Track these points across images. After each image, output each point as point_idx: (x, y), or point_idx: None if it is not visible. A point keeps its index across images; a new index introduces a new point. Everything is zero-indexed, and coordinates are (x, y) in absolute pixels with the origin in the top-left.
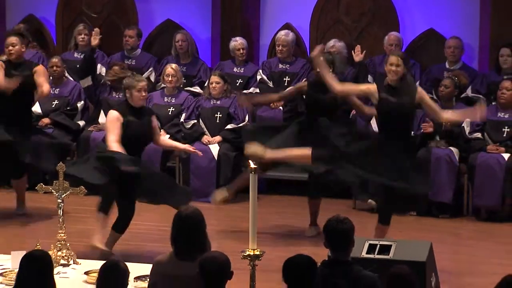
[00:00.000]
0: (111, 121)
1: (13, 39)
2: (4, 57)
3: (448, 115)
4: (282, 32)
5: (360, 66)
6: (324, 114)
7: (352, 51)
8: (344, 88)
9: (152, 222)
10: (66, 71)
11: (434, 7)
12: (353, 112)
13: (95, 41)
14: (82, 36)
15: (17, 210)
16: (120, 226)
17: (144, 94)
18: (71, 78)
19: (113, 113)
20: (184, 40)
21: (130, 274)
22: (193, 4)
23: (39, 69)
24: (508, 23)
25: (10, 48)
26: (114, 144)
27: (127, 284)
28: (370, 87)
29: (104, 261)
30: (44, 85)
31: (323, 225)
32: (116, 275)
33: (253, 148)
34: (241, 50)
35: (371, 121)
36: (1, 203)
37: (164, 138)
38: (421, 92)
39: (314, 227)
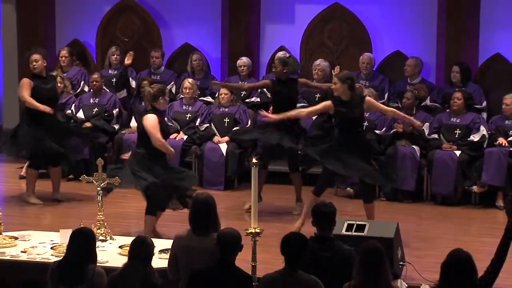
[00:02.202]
0: (155, 124)
1: (36, 57)
2: (55, 72)
3: (392, 113)
4: (280, 53)
5: None
6: (286, 108)
7: (332, 70)
8: (308, 111)
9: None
10: (104, 85)
11: (400, 33)
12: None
13: (128, 61)
14: (115, 56)
15: (52, 196)
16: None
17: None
18: (107, 90)
19: (155, 117)
20: (199, 59)
21: (155, 247)
22: (206, 30)
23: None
24: (458, 46)
25: (34, 63)
26: (163, 141)
27: (153, 255)
28: (326, 105)
29: (135, 237)
30: None
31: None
32: (144, 248)
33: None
34: (243, 67)
35: None
36: (48, 190)
37: None
38: (368, 101)
39: (299, 203)
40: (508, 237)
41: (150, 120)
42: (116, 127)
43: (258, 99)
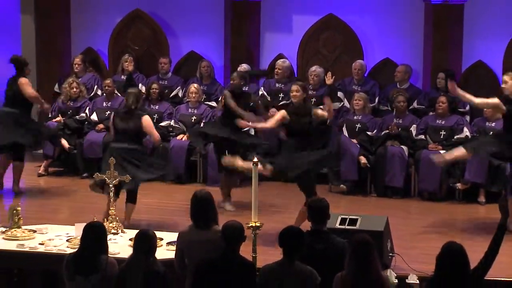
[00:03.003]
0: (151, 123)
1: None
2: (71, 78)
3: (323, 112)
4: (280, 60)
5: (330, 87)
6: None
7: (325, 76)
8: (271, 122)
9: (180, 201)
10: (116, 89)
11: (389, 42)
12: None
13: (130, 67)
14: (127, 63)
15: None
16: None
17: None
18: (119, 94)
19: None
20: (208, 66)
21: (163, 240)
22: (210, 40)
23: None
24: (443, 54)
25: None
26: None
27: (155, 246)
28: (283, 113)
29: (138, 231)
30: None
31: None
32: (146, 240)
33: (228, 159)
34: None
35: (343, 128)
36: (66, 187)
37: None
38: (314, 110)
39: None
40: (501, 232)
41: (149, 120)
42: None
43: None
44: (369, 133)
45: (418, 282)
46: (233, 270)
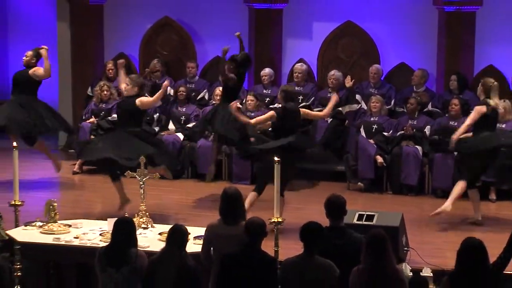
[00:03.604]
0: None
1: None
2: (102, 82)
3: (322, 113)
4: (298, 64)
5: (349, 90)
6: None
7: (345, 80)
8: (258, 121)
9: (206, 198)
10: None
11: (404, 47)
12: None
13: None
14: (156, 68)
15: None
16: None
17: None
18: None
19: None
20: None
21: (190, 234)
22: (235, 45)
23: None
24: (456, 58)
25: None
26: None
27: (187, 241)
28: (271, 114)
29: (172, 226)
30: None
31: (323, 203)
32: (179, 235)
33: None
34: (265, 77)
35: (361, 128)
36: (98, 184)
37: None
38: (303, 111)
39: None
40: None
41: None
42: (156, 129)
43: (280, 105)
44: (385, 133)
45: (431, 275)
46: (254, 264)
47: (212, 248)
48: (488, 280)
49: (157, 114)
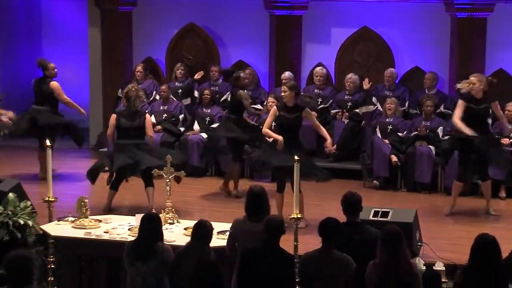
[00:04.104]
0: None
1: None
2: (131, 84)
3: (316, 126)
4: (319, 68)
5: (366, 92)
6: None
7: (362, 82)
8: (267, 125)
9: (230, 196)
10: (171, 94)
11: (418, 51)
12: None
13: (198, 76)
14: (180, 70)
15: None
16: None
17: None
18: (174, 99)
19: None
20: (250, 73)
21: (214, 229)
22: (257, 50)
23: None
24: (467, 63)
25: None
26: None
27: (211, 236)
28: (273, 111)
29: (196, 221)
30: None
31: (340, 200)
32: (203, 230)
33: None
34: (284, 80)
35: (376, 129)
36: (128, 182)
37: None
38: (307, 112)
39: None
40: None
41: (150, 119)
42: (182, 129)
43: None
44: (399, 134)
45: (444, 269)
46: (272, 261)
47: (237, 243)
48: (500, 275)
49: (182, 115)
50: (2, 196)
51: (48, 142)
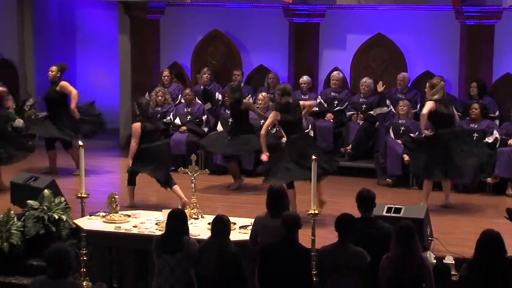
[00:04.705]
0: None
1: (52, 68)
2: (158, 88)
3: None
4: (336, 72)
5: (381, 94)
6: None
7: (377, 85)
8: (266, 127)
9: (250, 191)
10: (196, 97)
11: (429, 57)
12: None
13: (206, 81)
14: (206, 75)
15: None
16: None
17: None
18: (199, 101)
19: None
20: (273, 77)
21: (236, 224)
22: (277, 55)
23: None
24: (476, 67)
25: (50, 73)
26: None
27: (230, 230)
28: (272, 114)
29: (214, 216)
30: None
31: (355, 197)
32: (221, 225)
33: None
34: (303, 84)
35: (390, 130)
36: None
37: None
38: (301, 103)
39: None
40: None
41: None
42: (206, 130)
43: (317, 109)
44: (411, 134)
45: (453, 262)
46: (290, 254)
47: (259, 238)
48: (504, 269)
49: (205, 116)
50: (38, 193)
51: (80, 142)
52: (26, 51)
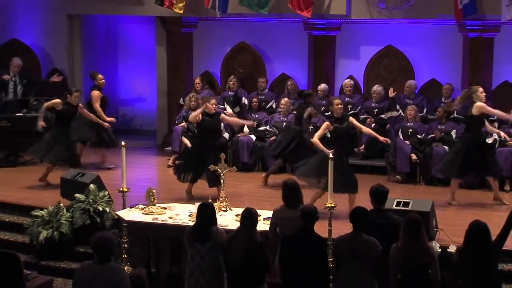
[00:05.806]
0: None
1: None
2: (191, 94)
3: (365, 130)
4: (347, 80)
5: (392, 99)
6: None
7: (388, 91)
8: (318, 136)
9: (271, 186)
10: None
11: (435, 65)
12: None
13: (232, 87)
14: (232, 82)
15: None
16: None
17: (214, 106)
18: (222, 107)
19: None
20: (292, 84)
21: (260, 216)
22: (297, 64)
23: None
24: (477, 75)
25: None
26: None
27: (257, 221)
28: (326, 125)
29: (244, 209)
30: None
31: (369, 191)
32: (249, 216)
33: None
34: (321, 91)
35: (399, 132)
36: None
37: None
38: (351, 119)
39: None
40: None
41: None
42: (226, 136)
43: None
44: (419, 136)
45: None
46: (308, 243)
47: (278, 228)
48: (490, 255)
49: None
50: (85, 187)
51: (123, 142)
52: (75, 61)
